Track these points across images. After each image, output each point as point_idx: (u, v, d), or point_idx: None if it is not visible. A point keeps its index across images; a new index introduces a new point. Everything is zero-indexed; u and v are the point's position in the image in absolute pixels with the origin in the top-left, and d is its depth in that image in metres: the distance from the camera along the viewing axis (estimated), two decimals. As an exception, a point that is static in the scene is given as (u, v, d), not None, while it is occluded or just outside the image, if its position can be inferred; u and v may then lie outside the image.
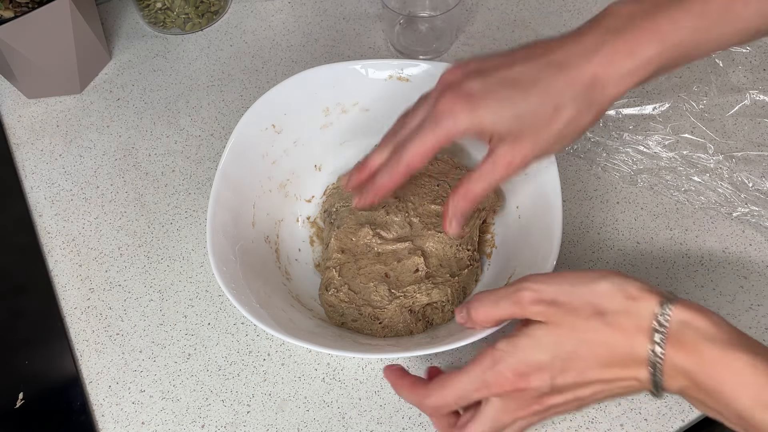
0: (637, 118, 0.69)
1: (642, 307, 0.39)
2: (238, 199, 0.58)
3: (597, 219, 0.64)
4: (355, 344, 0.52)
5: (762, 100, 0.69)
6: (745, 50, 0.72)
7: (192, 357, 0.58)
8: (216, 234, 0.53)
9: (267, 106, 0.60)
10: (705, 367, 0.37)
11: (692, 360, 0.38)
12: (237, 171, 0.58)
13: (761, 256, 0.61)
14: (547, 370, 0.40)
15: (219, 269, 0.51)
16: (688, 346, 0.38)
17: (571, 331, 0.40)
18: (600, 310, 0.40)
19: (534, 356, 0.40)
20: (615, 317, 0.39)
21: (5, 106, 0.75)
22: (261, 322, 0.49)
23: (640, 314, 0.39)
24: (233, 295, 0.50)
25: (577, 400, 0.42)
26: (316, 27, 0.79)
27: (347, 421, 0.55)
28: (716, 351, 0.37)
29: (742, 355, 0.37)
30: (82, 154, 0.71)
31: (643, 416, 0.53)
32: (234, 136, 0.58)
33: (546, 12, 0.79)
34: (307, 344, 0.48)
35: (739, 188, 0.63)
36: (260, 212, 0.60)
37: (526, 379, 0.40)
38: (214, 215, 0.54)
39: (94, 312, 0.61)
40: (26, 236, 0.65)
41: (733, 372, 0.37)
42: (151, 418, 0.56)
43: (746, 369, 0.37)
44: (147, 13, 0.78)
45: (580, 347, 0.40)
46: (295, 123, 0.62)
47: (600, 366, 0.40)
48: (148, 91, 0.75)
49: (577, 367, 0.40)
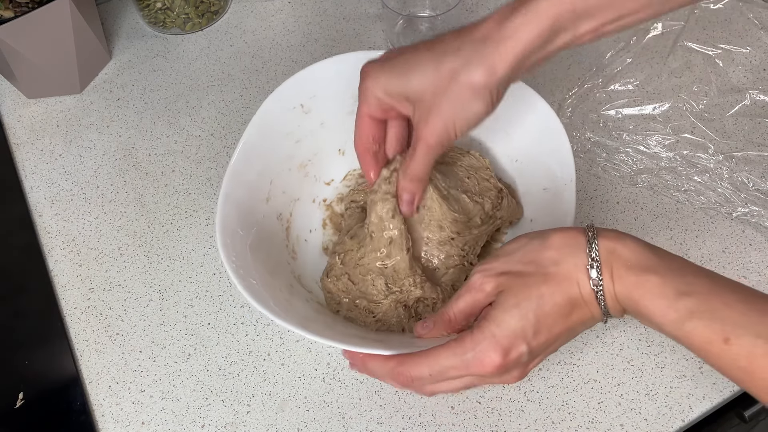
0: (637, 118, 0.69)
1: (574, 248, 0.43)
2: (256, 174, 0.58)
3: (597, 219, 0.64)
4: (344, 336, 0.51)
5: (762, 100, 0.69)
6: (746, 50, 0.72)
7: (192, 357, 0.58)
8: (226, 206, 0.54)
9: (297, 86, 0.60)
10: (626, 290, 0.42)
11: (619, 286, 0.42)
12: (258, 146, 0.58)
13: (761, 256, 0.61)
14: (521, 338, 0.42)
15: (223, 241, 0.52)
16: (615, 273, 0.42)
17: (526, 290, 0.43)
18: (542, 264, 0.43)
19: (506, 323, 0.42)
20: (556, 266, 0.43)
21: (5, 106, 0.75)
22: (252, 297, 0.49)
23: (575, 255, 0.43)
24: (233, 269, 0.51)
25: (551, 352, 0.45)
26: (316, 27, 0.79)
27: (347, 421, 0.55)
28: (633, 276, 0.41)
29: (652, 277, 0.41)
30: (82, 154, 0.71)
31: (643, 416, 0.53)
32: (260, 112, 0.59)
33: (546, 12, 0.78)
34: (291, 326, 0.48)
35: (739, 188, 0.63)
36: (276, 189, 0.60)
37: (507, 356, 0.42)
38: (228, 187, 0.55)
39: (94, 312, 0.61)
40: (26, 236, 0.65)
41: (645, 293, 0.41)
42: (151, 418, 0.56)
43: (656, 289, 0.40)
44: (147, 13, 0.78)
45: (540, 303, 0.42)
46: (323, 105, 0.62)
47: (563, 317, 0.43)
48: (148, 91, 0.75)
49: (546, 325, 0.43)
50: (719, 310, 0.39)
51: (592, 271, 0.42)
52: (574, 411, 0.54)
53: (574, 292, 0.43)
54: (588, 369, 0.56)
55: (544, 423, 0.54)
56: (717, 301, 0.39)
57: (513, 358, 0.42)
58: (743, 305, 0.39)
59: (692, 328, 0.39)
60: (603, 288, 0.42)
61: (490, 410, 0.54)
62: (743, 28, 0.74)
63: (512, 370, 0.43)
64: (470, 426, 0.54)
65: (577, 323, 0.44)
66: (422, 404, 0.55)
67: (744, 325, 0.38)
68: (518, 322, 0.42)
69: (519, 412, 0.54)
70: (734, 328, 0.38)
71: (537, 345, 0.43)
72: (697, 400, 0.54)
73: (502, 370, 0.42)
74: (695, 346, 0.40)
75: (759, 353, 0.37)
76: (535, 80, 0.57)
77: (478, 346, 0.42)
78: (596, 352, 0.57)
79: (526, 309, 0.42)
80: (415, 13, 0.77)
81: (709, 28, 0.74)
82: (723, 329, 0.38)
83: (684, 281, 0.40)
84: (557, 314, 0.43)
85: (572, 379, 0.56)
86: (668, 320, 0.40)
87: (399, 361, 0.45)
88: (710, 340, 0.39)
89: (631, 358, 0.56)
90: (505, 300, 0.43)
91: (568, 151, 0.55)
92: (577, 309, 0.43)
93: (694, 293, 0.40)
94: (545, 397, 0.55)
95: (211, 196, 0.67)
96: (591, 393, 0.55)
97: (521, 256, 0.44)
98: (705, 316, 0.39)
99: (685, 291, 0.40)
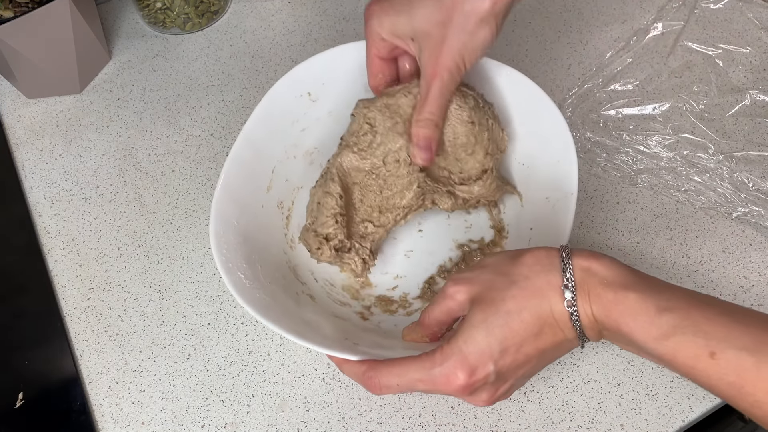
0: (637, 118, 0.69)
1: (546, 267, 0.42)
2: (258, 162, 0.58)
3: (597, 219, 0.64)
4: (317, 336, 0.50)
5: (762, 100, 0.69)
6: (746, 50, 0.72)
7: (192, 357, 0.58)
8: (224, 196, 0.54)
9: (306, 74, 0.60)
10: (605, 309, 0.40)
11: (597, 306, 0.41)
12: (262, 134, 0.58)
13: (761, 256, 0.61)
14: (488, 356, 0.41)
15: (216, 232, 0.52)
16: (592, 293, 0.41)
17: (494, 305, 0.42)
18: (513, 279, 0.42)
19: (473, 339, 0.41)
20: (527, 281, 0.42)
21: (5, 106, 0.75)
22: (235, 289, 0.49)
23: (547, 272, 0.42)
24: (222, 261, 0.51)
25: (523, 378, 0.44)
26: (316, 27, 0.79)
27: (347, 421, 0.55)
28: (611, 293, 0.40)
29: (631, 294, 0.40)
30: (81, 154, 0.71)
31: (643, 416, 0.53)
32: (265, 100, 0.59)
33: (546, 12, 0.78)
34: (268, 322, 0.48)
35: (739, 188, 0.63)
36: (279, 177, 0.60)
37: (473, 375, 0.41)
38: (228, 177, 0.55)
39: (94, 312, 0.61)
40: (26, 236, 0.65)
41: (624, 310, 0.40)
42: (151, 418, 0.56)
43: (636, 306, 0.39)
44: (147, 13, 0.78)
45: (509, 319, 0.41)
46: (332, 94, 0.61)
47: (532, 335, 0.41)
48: (148, 91, 0.75)
49: (514, 343, 0.41)
50: (702, 324, 0.38)
51: (567, 292, 0.41)
52: (574, 411, 0.54)
53: (544, 310, 0.41)
54: (588, 369, 0.56)
55: (544, 423, 0.54)
56: (698, 316, 0.38)
57: (479, 378, 0.41)
58: (725, 318, 0.38)
59: (676, 343, 0.38)
60: (578, 309, 0.41)
61: (490, 410, 0.54)
62: (743, 28, 0.74)
63: (480, 391, 0.42)
64: (470, 426, 0.54)
65: (548, 345, 0.42)
66: (422, 404, 0.55)
67: (728, 339, 0.37)
68: (485, 339, 0.41)
69: (519, 412, 0.54)
70: (719, 342, 0.37)
71: (504, 365, 0.42)
72: (697, 401, 0.54)
73: (468, 390, 0.42)
74: (680, 363, 0.39)
75: (746, 366, 0.37)
76: (535, 80, 0.57)
77: (446, 362, 0.42)
78: (596, 352, 0.57)
79: (492, 325, 0.41)
80: (415, 13, 0.77)
81: (709, 28, 0.74)
82: (707, 344, 0.38)
83: (663, 297, 0.40)
84: (525, 332, 0.41)
85: (572, 379, 0.56)
86: (651, 337, 0.39)
87: (370, 366, 0.45)
88: (696, 356, 0.38)
89: (632, 358, 0.56)
90: (473, 315, 0.42)
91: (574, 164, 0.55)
92: (547, 328, 0.42)
93: (675, 309, 0.39)
94: (545, 397, 0.55)
95: (211, 196, 0.66)
96: (591, 393, 0.55)
97: (494, 268, 0.44)
98: (688, 331, 0.38)
99: (665, 307, 0.39)
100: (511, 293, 0.42)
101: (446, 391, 0.42)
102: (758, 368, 0.36)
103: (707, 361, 0.37)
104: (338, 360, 0.48)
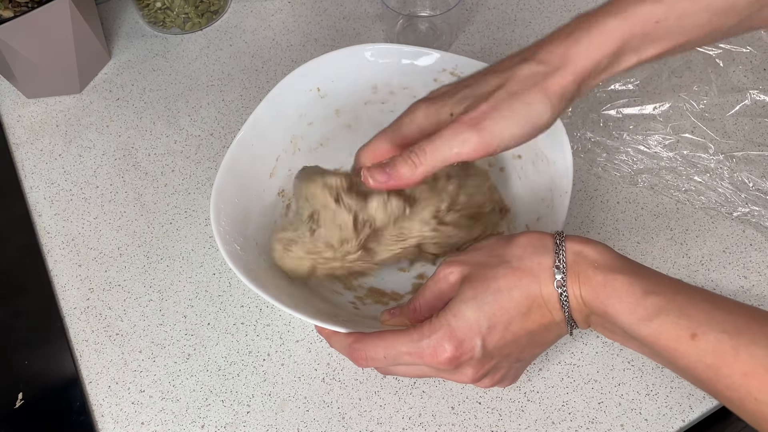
0: (637, 118, 0.69)
1: (539, 249, 0.43)
2: (263, 148, 0.59)
3: (597, 219, 0.64)
4: (315, 312, 0.50)
5: (762, 100, 0.69)
6: (746, 50, 0.72)
7: (192, 357, 0.58)
8: (228, 173, 0.55)
9: (316, 69, 0.61)
10: (593, 291, 0.41)
11: (585, 288, 0.41)
12: (270, 122, 0.59)
13: (762, 256, 0.61)
14: (475, 330, 0.42)
15: (216, 207, 0.53)
16: (582, 276, 0.41)
17: (485, 282, 0.42)
18: (506, 259, 0.43)
19: (462, 314, 0.42)
20: (519, 261, 0.43)
21: (5, 106, 0.75)
22: (232, 261, 0.50)
23: (539, 254, 0.43)
24: (220, 234, 0.51)
25: (510, 360, 0.44)
26: (316, 27, 0.79)
27: (347, 421, 0.55)
28: (600, 276, 0.41)
29: (619, 276, 0.41)
30: (81, 154, 0.71)
31: (644, 416, 0.53)
32: (277, 89, 0.59)
33: (546, 12, 0.78)
34: (263, 293, 0.48)
35: (739, 188, 0.63)
36: (282, 166, 0.61)
37: (459, 347, 0.42)
38: (233, 157, 0.56)
39: (94, 312, 0.61)
40: (26, 236, 0.65)
41: (612, 292, 0.40)
42: (151, 418, 0.56)
43: (623, 288, 0.40)
44: (147, 12, 0.78)
45: (498, 297, 0.42)
46: (341, 91, 0.62)
47: (520, 314, 0.42)
48: (148, 91, 0.75)
49: (502, 321, 0.42)
50: (686, 307, 0.39)
51: (558, 273, 0.42)
52: (574, 411, 0.54)
53: (533, 290, 0.42)
54: (588, 369, 0.56)
55: (544, 423, 0.54)
56: (683, 300, 0.40)
57: (466, 351, 0.42)
58: (708, 304, 0.39)
59: (660, 324, 0.39)
60: (567, 290, 0.42)
61: (490, 410, 0.54)
62: (743, 27, 0.74)
63: (465, 366, 0.43)
64: (470, 426, 0.54)
65: (536, 326, 0.43)
66: (422, 404, 0.55)
67: (710, 321, 0.39)
68: (474, 314, 0.42)
69: (519, 412, 0.54)
70: (700, 324, 0.39)
71: (491, 341, 0.42)
72: (697, 401, 0.54)
73: (454, 363, 0.42)
74: (662, 346, 0.40)
75: (725, 349, 0.38)
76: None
77: (434, 334, 0.42)
78: (596, 352, 0.57)
79: (482, 301, 0.42)
80: (415, 13, 0.77)
81: (709, 27, 0.74)
82: (689, 325, 0.39)
83: (651, 282, 0.41)
84: (514, 310, 0.42)
85: (572, 379, 0.55)
86: (636, 318, 0.40)
87: (357, 338, 0.45)
88: (678, 337, 0.39)
89: (632, 358, 0.56)
90: (464, 291, 0.43)
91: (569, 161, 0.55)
92: (535, 308, 0.42)
93: (662, 292, 0.40)
94: (545, 397, 0.55)
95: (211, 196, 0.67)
96: (591, 393, 0.55)
97: (488, 250, 0.45)
98: (672, 313, 0.39)
99: (652, 290, 0.40)
100: (502, 271, 0.42)
101: (432, 362, 0.42)
102: (737, 351, 0.38)
103: (688, 343, 0.39)
104: (327, 332, 0.48)
